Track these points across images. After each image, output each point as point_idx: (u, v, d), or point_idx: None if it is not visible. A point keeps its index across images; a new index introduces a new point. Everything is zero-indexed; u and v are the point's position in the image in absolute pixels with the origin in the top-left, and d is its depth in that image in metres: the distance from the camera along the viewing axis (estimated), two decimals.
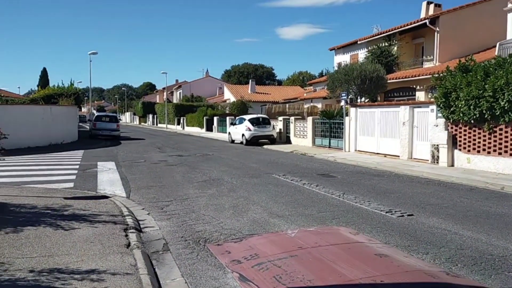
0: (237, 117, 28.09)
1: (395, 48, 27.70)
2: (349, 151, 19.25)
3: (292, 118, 24.79)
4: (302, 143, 23.34)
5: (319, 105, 35.76)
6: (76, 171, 13.54)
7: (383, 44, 28.25)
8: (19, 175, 12.71)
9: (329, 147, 20.95)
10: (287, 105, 41.71)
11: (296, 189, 9.97)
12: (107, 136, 29.89)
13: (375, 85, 22.62)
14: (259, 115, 26.97)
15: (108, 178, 12.27)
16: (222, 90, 71.19)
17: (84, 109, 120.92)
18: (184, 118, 50.57)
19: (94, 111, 68.26)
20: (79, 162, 15.79)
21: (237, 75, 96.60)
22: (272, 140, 24.77)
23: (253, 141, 24.41)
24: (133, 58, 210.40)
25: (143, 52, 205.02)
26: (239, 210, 7.90)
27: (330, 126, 21.06)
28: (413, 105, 15.63)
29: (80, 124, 63.67)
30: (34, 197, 9.24)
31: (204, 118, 42.60)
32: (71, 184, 11.25)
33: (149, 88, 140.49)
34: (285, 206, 8.19)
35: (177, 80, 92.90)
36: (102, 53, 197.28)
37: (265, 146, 23.45)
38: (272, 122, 25.52)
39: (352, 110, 19.19)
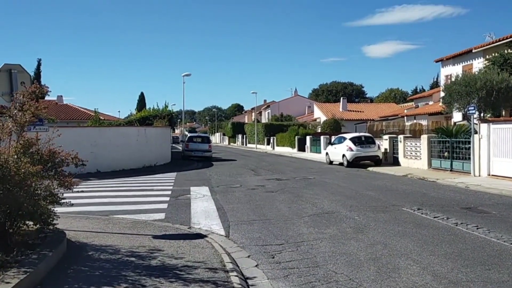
0: (336, 136, 25.68)
1: None
2: (479, 175, 15.92)
3: (401, 137, 21.82)
4: (415, 165, 20.25)
5: (424, 122, 32.10)
6: (168, 198, 12.16)
7: (507, 51, 24.23)
8: (109, 203, 11.59)
9: (451, 171, 17.70)
10: (383, 122, 38.41)
11: (448, 231, 7.38)
12: (199, 157, 29.15)
13: (503, 97, 19.01)
14: (361, 134, 24.34)
15: (203, 207, 10.62)
16: (311, 109, 69.16)
17: (177, 131, 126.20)
18: (274, 138, 49.12)
19: (186, 132, 69.92)
20: (171, 187, 14.53)
21: (325, 94, 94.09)
22: (377, 162, 21.96)
23: (355, 163, 21.82)
24: (222, 79, 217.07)
25: (232, 73, 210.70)
26: (384, 267, 5.59)
27: (452, 145, 17.84)
28: None
29: (173, 145, 65.41)
30: (120, 234, 7.76)
31: (296, 137, 40.65)
32: (162, 215, 9.75)
33: (237, 109, 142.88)
34: (451, 262, 5.70)
35: (265, 100, 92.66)
36: (193, 77, 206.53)
37: (370, 169, 20.74)
38: (377, 142, 22.73)
39: (483, 127, 15.92)
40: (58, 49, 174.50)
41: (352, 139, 22.23)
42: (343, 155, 22.32)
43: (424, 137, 19.60)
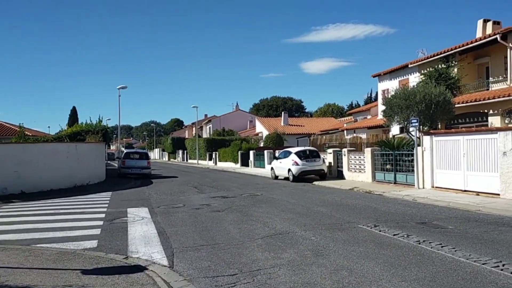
0: (281, 151, 25.25)
1: (455, 69, 24.63)
2: (423, 187, 16.02)
3: (345, 150, 21.79)
4: (359, 178, 20.22)
5: (364, 136, 32.73)
6: (101, 222, 10.86)
7: (440, 66, 25.24)
8: (33, 229, 10.11)
9: (395, 183, 17.76)
10: (326, 136, 38.81)
11: (413, 251, 6.87)
12: (137, 175, 27.53)
13: (441, 110, 19.52)
14: (306, 148, 24.07)
15: (142, 232, 9.49)
16: (253, 124, 69.11)
17: (113, 147, 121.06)
18: (217, 153, 48.16)
19: (123, 148, 67.00)
20: (105, 209, 13.16)
21: (266, 109, 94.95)
22: (322, 176, 21.74)
23: (301, 177, 21.46)
24: (160, 94, 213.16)
25: (170, 88, 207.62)
26: None
27: (395, 158, 17.94)
28: None
29: (109, 162, 62.29)
30: (42, 270, 6.51)
31: (239, 152, 39.97)
32: (94, 243, 8.54)
33: (177, 124, 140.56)
34: None
35: (206, 115, 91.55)
36: (129, 90, 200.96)
37: (315, 183, 20.43)
38: (321, 155, 22.55)
39: (426, 139, 16.09)
40: None
41: (297, 153, 21.88)
42: (289, 170, 21.88)
43: (368, 150, 19.63)
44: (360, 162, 20.45)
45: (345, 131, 38.35)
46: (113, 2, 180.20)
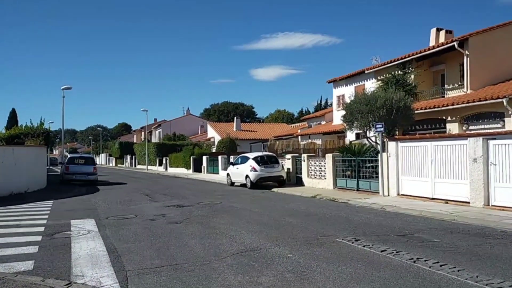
0: (237, 156, 24.21)
1: (412, 76, 24.75)
2: (388, 195, 15.56)
3: (304, 156, 21.11)
4: (319, 185, 19.57)
5: (319, 141, 32.42)
6: (39, 238, 9.32)
7: (397, 73, 25.30)
8: None
9: (358, 190, 17.23)
10: (278, 142, 38.23)
11: (411, 273, 5.98)
12: (82, 181, 25.49)
13: (402, 116, 19.33)
14: (264, 153, 23.21)
15: (88, 249, 8.11)
16: (204, 129, 67.68)
17: (55, 151, 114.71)
18: (167, 158, 46.34)
19: (67, 153, 63.25)
20: (45, 221, 11.51)
21: (217, 114, 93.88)
22: (281, 182, 20.93)
23: (259, 183, 20.54)
24: (107, 99, 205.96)
25: (118, 92, 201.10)
26: None
27: (358, 164, 17.43)
28: (487, 136, 12.18)
29: (51, 167, 58.48)
30: None
31: (191, 158, 38.53)
32: (29, 264, 7.11)
33: (124, 128, 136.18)
34: None
35: (155, 119, 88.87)
36: (74, 94, 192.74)
37: (274, 190, 19.56)
38: (280, 161, 21.75)
39: (392, 145, 15.66)
40: None
41: (255, 159, 20.95)
42: (246, 176, 20.89)
43: (329, 156, 19.04)
44: (320, 168, 19.83)
45: (299, 137, 37.98)
46: (60, 6, 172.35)
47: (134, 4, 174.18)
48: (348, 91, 30.43)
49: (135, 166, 61.49)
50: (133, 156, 62.93)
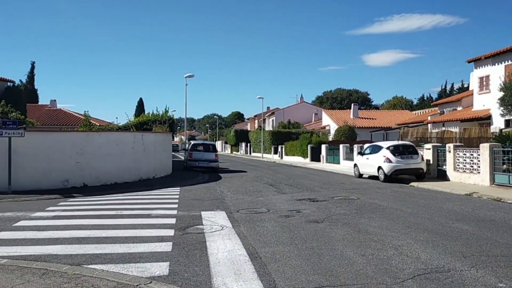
0: (368, 145, 22.01)
1: None
2: None
3: (450, 146, 18.16)
4: (470, 180, 16.60)
5: (455, 129, 28.53)
6: (172, 232, 8.47)
7: None
8: (88, 238, 7.97)
9: None
10: (411, 130, 34.79)
11: None
12: (204, 168, 25.49)
13: None
14: (400, 142, 20.69)
15: (226, 251, 6.94)
16: (318, 116, 65.70)
17: (176, 139, 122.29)
18: (283, 146, 45.48)
19: (190, 141, 66.30)
20: (175, 212, 10.83)
21: (330, 101, 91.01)
22: (420, 175, 18.33)
23: (394, 177, 18.20)
24: (222, 87, 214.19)
25: (232, 81, 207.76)
26: None
27: None
28: None
29: (173, 153, 61.75)
30: None
31: (309, 146, 36.99)
32: (164, 268, 6.14)
33: (237, 117, 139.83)
34: None
35: (268, 108, 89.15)
36: (191, 84, 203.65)
37: (413, 184, 17.09)
38: (419, 152, 19.08)
39: None
40: (53, 54, 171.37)
41: (390, 149, 18.60)
42: (379, 168, 18.65)
43: (485, 146, 15.94)
44: (472, 160, 16.80)
45: (429, 125, 34.18)
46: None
47: None
48: (496, 71, 26.16)
49: (249, 153, 62.07)
50: (248, 144, 63.57)
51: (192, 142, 30.15)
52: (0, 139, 14.87)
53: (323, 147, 34.12)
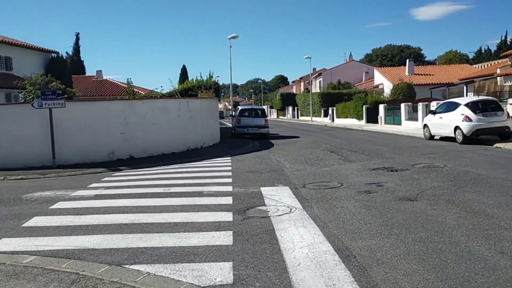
0: (441, 102, 19.48)
1: None
2: None
3: None
4: None
5: None
6: (230, 215, 6.89)
7: None
8: (133, 225, 6.55)
9: None
10: (487, 83, 31.39)
11: None
12: (254, 135, 23.89)
13: None
14: (481, 97, 18.05)
15: (305, 245, 5.26)
16: (369, 75, 61.96)
17: (220, 106, 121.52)
18: (334, 108, 43.02)
19: (231, 106, 64.87)
20: (230, 188, 9.24)
21: (380, 59, 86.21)
22: (505, 135, 15.82)
23: (474, 137, 15.77)
24: (264, 52, 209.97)
25: (274, 44, 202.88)
26: None
27: None
28: None
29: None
30: None
31: (364, 107, 34.44)
32: (226, 270, 4.61)
33: (281, 80, 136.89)
34: None
35: (314, 69, 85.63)
36: (234, 50, 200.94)
37: (499, 145, 14.67)
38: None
39: None
40: (97, 25, 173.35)
41: (469, 105, 16.07)
42: (456, 128, 16.23)
43: None
44: None
45: (498, 78, 30.61)
46: None
47: None
48: None
49: (297, 117, 59.93)
50: (295, 107, 61.34)
51: (240, 107, 28.51)
52: (41, 111, 13.94)
53: (381, 107, 31.52)
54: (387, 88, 42.65)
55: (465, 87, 32.53)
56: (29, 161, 14.11)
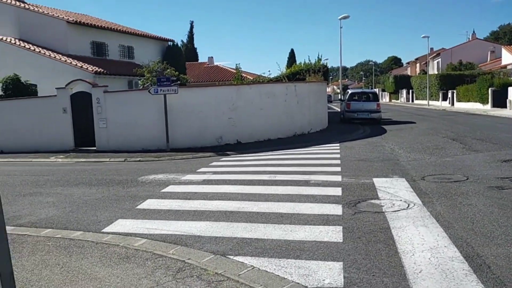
0: None
1: None
2: None
3: None
4: None
5: None
6: (339, 208, 6.40)
7: None
8: (237, 213, 6.44)
9: None
10: None
11: None
12: (364, 120, 22.77)
13: None
14: None
15: (427, 251, 4.58)
16: (495, 55, 55.55)
17: (328, 89, 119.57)
18: (454, 91, 39.37)
19: (340, 90, 63.10)
20: (339, 178, 8.70)
21: (508, 36, 76.96)
22: None
23: None
24: (375, 32, 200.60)
25: (386, 24, 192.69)
26: None
27: None
28: None
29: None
30: None
31: (489, 90, 30.89)
32: (336, 272, 4.26)
33: (394, 62, 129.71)
34: None
35: (431, 49, 79.31)
36: (345, 30, 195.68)
37: None
38: None
39: None
40: (209, 12, 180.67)
41: None
42: None
43: None
44: None
45: None
46: None
47: None
48: None
49: (412, 101, 56.24)
50: (410, 90, 57.56)
51: (350, 91, 27.39)
52: (157, 96, 14.76)
53: (510, 90, 27.96)
54: None
55: None
56: (146, 144, 15.06)
